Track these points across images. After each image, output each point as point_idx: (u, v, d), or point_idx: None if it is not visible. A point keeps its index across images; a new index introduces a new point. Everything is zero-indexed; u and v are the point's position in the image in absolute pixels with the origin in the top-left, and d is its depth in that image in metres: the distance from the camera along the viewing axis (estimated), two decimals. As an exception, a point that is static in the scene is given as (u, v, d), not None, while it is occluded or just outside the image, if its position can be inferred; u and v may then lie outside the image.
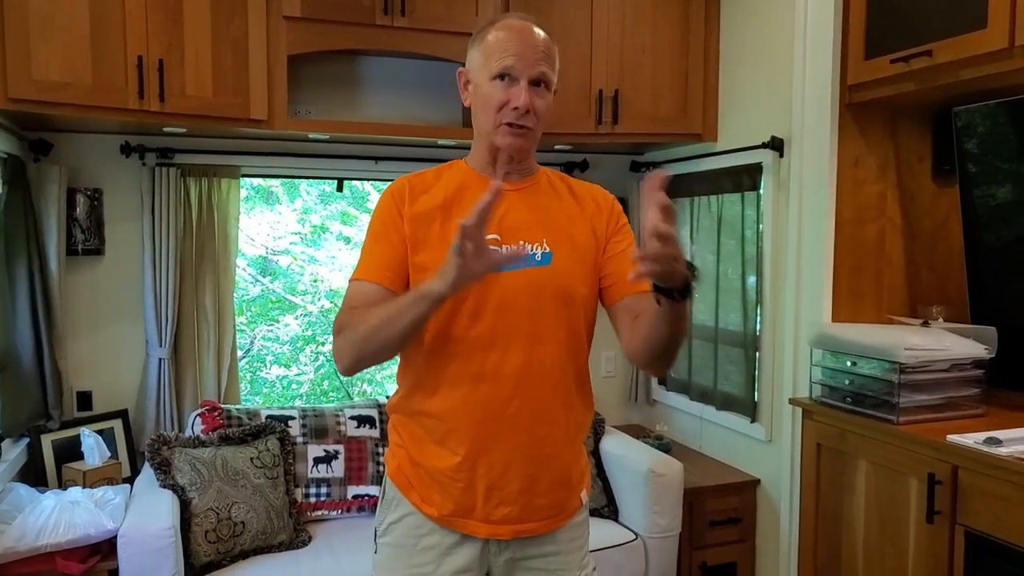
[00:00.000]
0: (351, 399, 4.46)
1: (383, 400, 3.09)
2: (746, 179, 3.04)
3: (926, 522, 2.04)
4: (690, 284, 1.30)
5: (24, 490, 2.45)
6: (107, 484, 2.65)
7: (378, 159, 3.25)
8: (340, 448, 2.88)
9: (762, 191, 2.96)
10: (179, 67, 2.60)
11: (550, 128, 1.60)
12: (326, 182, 3.70)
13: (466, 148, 1.63)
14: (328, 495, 2.83)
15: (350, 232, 4.76)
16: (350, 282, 1.55)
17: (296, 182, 4.48)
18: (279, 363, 4.85)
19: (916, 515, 2.10)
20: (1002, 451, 1.88)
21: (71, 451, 2.75)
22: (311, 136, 3.00)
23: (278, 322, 4.83)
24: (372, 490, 2.86)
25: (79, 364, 2.95)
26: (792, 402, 2.65)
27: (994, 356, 2.28)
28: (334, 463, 2.86)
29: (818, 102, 2.63)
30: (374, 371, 4.88)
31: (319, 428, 2.89)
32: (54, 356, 2.75)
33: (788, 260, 2.80)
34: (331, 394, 4.84)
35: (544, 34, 1.53)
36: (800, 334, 2.74)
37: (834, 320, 2.63)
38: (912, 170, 2.70)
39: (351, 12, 2.81)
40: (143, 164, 2.91)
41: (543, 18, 1.61)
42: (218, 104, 2.67)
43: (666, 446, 3.25)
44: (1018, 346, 2.29)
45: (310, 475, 2.82)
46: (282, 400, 4.75)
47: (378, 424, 2.97)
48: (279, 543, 2.61)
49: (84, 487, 2.57)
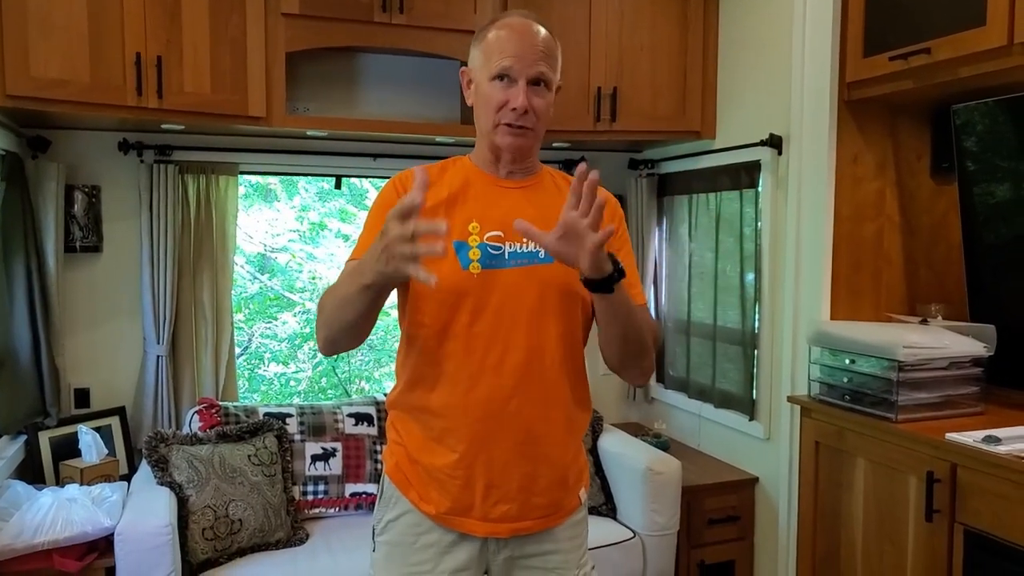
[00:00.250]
0: (349, 396, 4.47)
1: (381, 398, 3.08)
2: (744, 176, 3.04)
3: (925, 520, 2.04)
4: (605, 279, 1.35)
5: (21, 487, 2.45)
6: (104, 481, 2.65)
7: (376, 156, 3.24)
8: (338, 446, 2.88)
9: (760, 189, 2.96)
10: (177, 64, 2.60)
11: (549, 126, 1.59)
12: (324, 179, 3.70)
13: (464, 145, 1.63)
14: (326, 493, 2.82)
15: (348, 229, 4.76)
16: (346, 263, 1.54)
17: (294, 179, 4.48)
18: (277, 360, 4.84)
19: (915, 513, 2.10)
20: (1001, 449, 1.88)
21: (68, 448, 2.75)
22: (309, 133, 2.99)
23: (276, 319, 4.83)
24: (370, 488, 2.85)
25: (77, 361, 2.94)
26: (791, 400, 2.65)
27: (993, 354, 2.28)
28: (332, 461, 2.85)
29: (817, 100, 2.63)
30: (372, 368, 4.88)
31: (317, 426, 2.89)
32: (52, 353, 2.75)
33: (787, 258, 2.80)
34: (329, 391, 4.84)
35: (545, 32, 1.53)
36: (799, 332, 2.74)
37: (833, 318, 2.63)
38: (911, 168, 2.70)
39: (349, 9, 2.81)
40: (141, 161, 2.91)
41: (542, 16, 1.61)
42: (216, 101, 2.67)
43: (664, 444, 3.25)
44: (1017, 344, 2.29)
45: (308, 473, 2.82)
46: (280, 397, 4.75)
47: (376, 422, 2.96)
48: (276, 541, 2.60)
49: (81, 484, 2.56)
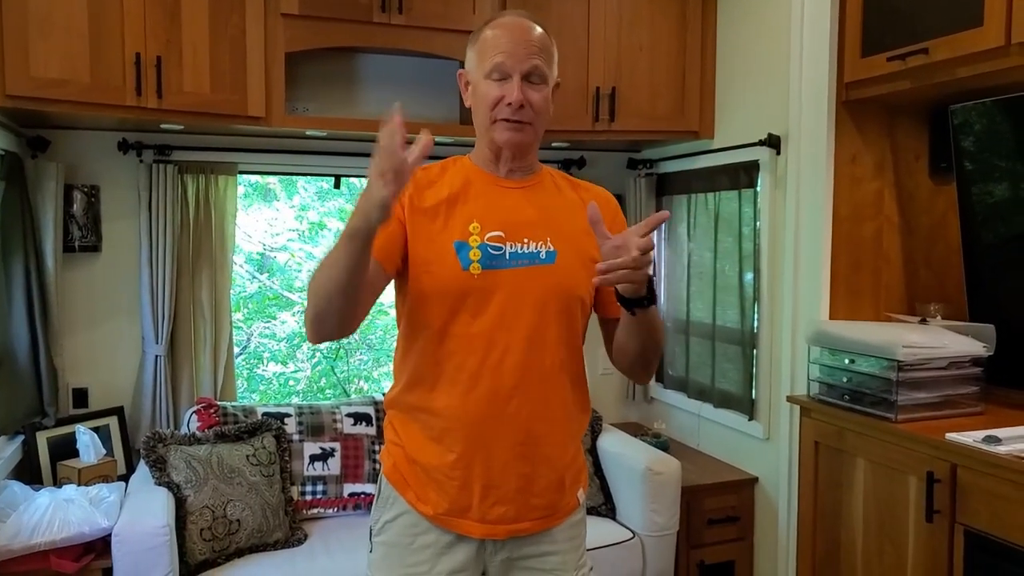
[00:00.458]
0: (348, 396, 4.46)
1: (379, 398, 3.08)
2: (743, 176, 3.04)
3: (925, 521, 2.04)
4: (648, 299, 1.39)
5: (18, 487, 2.44)
6: (102, 482, 2.64)
7: (375, 156, 3.23)
8: (336, 446, 2.87)
9: (759, 188, 2.96)
10: (177, 64, 2.60)
11: (548, 125, 1.59)
12: (323, 179, 3.69)
13: (463, 145, 1.63)
14: (324, 493, 2.82)
15: (347, 229, 4.74)
16: None
17: (294, 179, 4.47)
18: (276, 360, 4.84)
19: (915, 514, 2.10)
20: (1001, 449, 1.88)
21: (66, 448, 2.74)
22: (308, 133, 2.99)
23: (275, 319, 4.82)
24: (368, 488, 2.85)
25: (75, 361, 2.94)
26: (790, 400, 2.65)
27: (992, 354, 2.28)
28: (330, 461, 2.85)
29: (815, 100, 2.62)
30: (371, 368, 4.88)
31: (315, 425, 2.89)
32: (50, 353, 2.74)
33: (785, 257, 2.80)
34: (328, 391, 4.83)
35: (539, 30, 1.53)
36: (798, 331, 2.74)
37: (832, 317, 2.63)
38: (909, 168, 2.70)
39: (348, 9, 2.80)
40: (140, 161, 2.90)
41: (541, 15, 1.61)
42: (216, 101, 2.67)
43: (664, 444, 3.24)
44: (1016, 343, 2.29)
45: (306, 473, 2.81)
46: (278, 397, 4.75)
47: (374, 422, 2.96)
48: (274, 541, 2.60)
49: (79, 485, 2.56)
